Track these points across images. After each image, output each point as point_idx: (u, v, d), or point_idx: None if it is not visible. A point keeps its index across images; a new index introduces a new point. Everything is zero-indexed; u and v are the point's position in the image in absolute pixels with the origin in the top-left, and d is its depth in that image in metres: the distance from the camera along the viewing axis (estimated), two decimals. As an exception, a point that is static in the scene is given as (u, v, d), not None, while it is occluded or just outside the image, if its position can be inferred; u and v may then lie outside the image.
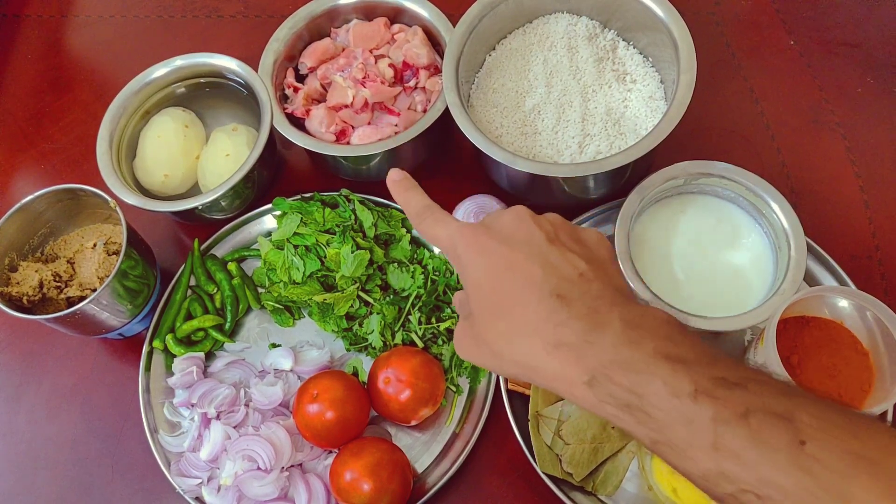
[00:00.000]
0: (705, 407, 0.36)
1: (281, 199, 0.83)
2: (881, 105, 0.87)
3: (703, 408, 0.36)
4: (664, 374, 0.37)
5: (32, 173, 0.96)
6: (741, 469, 0.35)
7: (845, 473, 0.33)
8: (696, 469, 0.37)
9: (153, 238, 0.83)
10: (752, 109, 0.88)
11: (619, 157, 0.71)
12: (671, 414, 0.37)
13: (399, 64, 0.86)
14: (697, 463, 0.36)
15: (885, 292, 0.76)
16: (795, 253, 0.68)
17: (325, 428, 0.69)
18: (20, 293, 0.76)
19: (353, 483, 0.67)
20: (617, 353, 0.39)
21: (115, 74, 1.01)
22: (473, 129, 0.74)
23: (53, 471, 0.78)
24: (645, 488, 0.69)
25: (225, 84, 0.89)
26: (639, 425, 0.38)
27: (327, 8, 0.88)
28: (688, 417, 0.36)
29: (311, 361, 0.77)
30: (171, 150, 0.85)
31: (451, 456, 0.73)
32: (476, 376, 0.75)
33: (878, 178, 0.83)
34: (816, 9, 0.94)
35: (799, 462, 0.33)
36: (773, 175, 0.81)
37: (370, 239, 0.79)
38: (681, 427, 0.36)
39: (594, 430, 0.69)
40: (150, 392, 0.78)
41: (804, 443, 0.34)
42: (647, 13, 0.77)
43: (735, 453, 0.35)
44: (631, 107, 0.79)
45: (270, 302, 0.80)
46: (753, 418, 0.35)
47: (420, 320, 0.76)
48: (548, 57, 0.82)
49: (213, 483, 0.72)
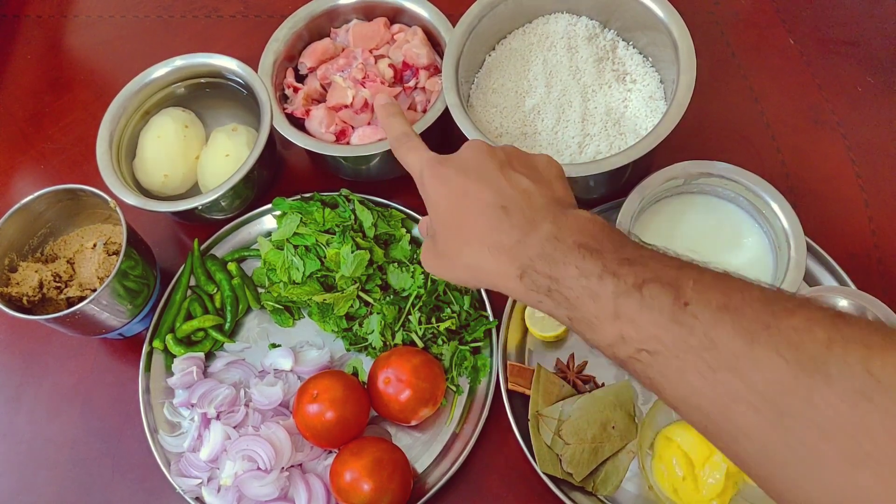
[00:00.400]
0: (608, 283, 0.42)
1: (281, 200, 0.83)
2: (881, 104, 0.87)
3: (606, 284, 0.42)
4: (577, 261, 0.44)
5: (32, 173, 0.96)
6: (635, 331, 0.40)
7: (713, 323, 0.37)
8: (604, 338, 0.42)
9: (153, 238, 0.83)
10: (751, 109, 0.88)
11: (618, 157, 0.71)
12: (581, 292, 0.43)
13: (399, 64, 0.86)
14: (604, 332, 0.42)
15: (885, 291, 0.76)
16: (795, 253, 0.68)
17: (325, 428, 0.69)
18: (20, 293, 0.76)
19: (353, 483, 0.67)
20: (542, 249, 0.46)
21: (115, 74, 1.01)
22: (473, 129, 0.74)
23: (53, 471, 0.78)
24: (645, 488, 0.69)
25: (225, 84, 0.89)
26: (558, 306, 0.45)
27: (327, 8, 0.88)
28: (594, 293, 0.42)
29: (311, 361, 0.77)
30: (171, 151, 0.85)
31: (451, 456, 0.73)
32: (476, 376, 0.75)
33: (878, 177, 0.83)
34: (816, 8, 0.94)
35: (677, 318, 0.38)
36: (773, 175, 0.80)
37: (370, 239, 0.79)
38: (589, 302, 0.42)
39: (594, 430, 0.69)
40: (150, 392, 0.78)
41: (687, 304, 0.39)
42: (646, 13, 0.77)
43: (630, 318, 0.40)
44: (631, 107, 0.79)
45: (270, 302, 0.80)
46: (646, 288, 0.40)
47: (420, 320, 0.76)
48: (547, 57, 0.82)
49: (213, 483, 0.72)
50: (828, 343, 0.33)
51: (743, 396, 0.35)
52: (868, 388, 0.31)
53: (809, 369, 0.33)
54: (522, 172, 0.51)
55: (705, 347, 0.37)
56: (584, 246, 0.44)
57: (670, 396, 0.40)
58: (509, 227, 0.48)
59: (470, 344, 0.76)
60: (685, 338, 0.38)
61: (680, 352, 0.38)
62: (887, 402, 0.31)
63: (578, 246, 0.44)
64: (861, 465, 0.31)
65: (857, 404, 0.31)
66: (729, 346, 0.36)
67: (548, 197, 0.50)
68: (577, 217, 0.47)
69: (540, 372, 0.72)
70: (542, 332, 0.75)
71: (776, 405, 0.34)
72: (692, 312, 0.38)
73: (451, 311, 0.77)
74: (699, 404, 0.38)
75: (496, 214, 0.48)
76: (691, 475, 0.66)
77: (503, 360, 0.74)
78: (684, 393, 0.38)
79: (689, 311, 0.38)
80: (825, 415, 0.32)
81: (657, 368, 0.40)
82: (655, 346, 0.39)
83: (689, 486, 0.66)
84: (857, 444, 0.31)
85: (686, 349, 0.38)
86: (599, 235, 0.45)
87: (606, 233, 0.45)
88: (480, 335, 0.77)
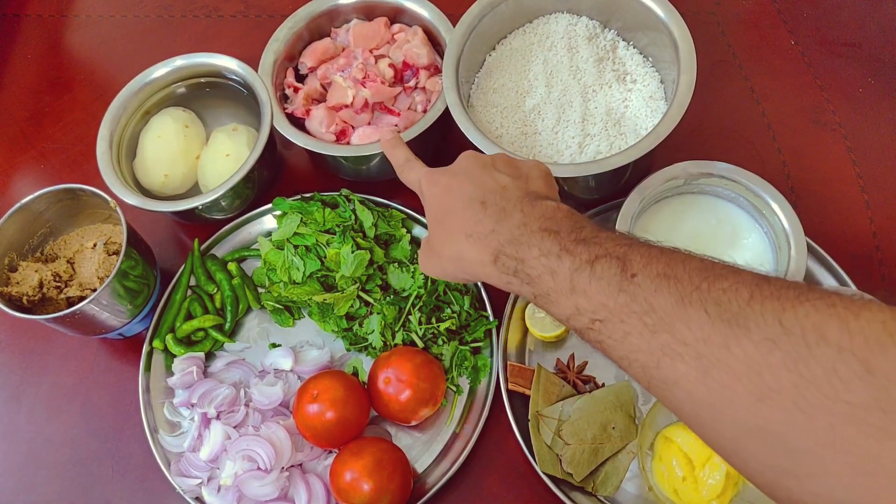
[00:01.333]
0: (565, 260, 0.46)
1: (281, 199, 0.83)
2: (883, 105, 0.87)
3: (563, 262, 0.46)
4: (539, 243, 0.48)
5: (32, 173, 0.96)
6: (587, 301, 0.44)
7: (652, 290, 0.41)
8: (562, 311, 0.47)
9: (153, 238, 0.83)
10: (752, 109, 0.88)
11: (619, 158, 0.70)
12: (542, 270, 0.47)
13: (399, 64, 0.86)
14: (562, 305, 0.46)
15: (886, 292, 0.76)
16: (795, 253, 0.68)
17: (325, 428, 0.69)
18: (20, 293, 0.76)
19: (353, 483, 0.67)
20: (511, 234, 0.50)
21: (115, 74, 1.01)
22: (473, 129, 0.74)
23: (53, 471, 0.78)
24: (645, 489, 0.69)
25: (225, 84, 0.89)
26: (524, 285, 0.49)
27: (327, 8, 0.88)
28: (553, 270, 0.47)
29: (311, 361, 0.77)
30: (172, 150, 0.85)
31: (451, 456, 0.73)
32: (476, 376, 0.75)
33: (879, 178, 0.82)
34: (818, 8, 0.94)
35: (622, 287, 0.43)
36: (774, 175, 0.80)
37: (370, 239, 0.79)
38: (549, 278, 0.47)
39: (594, 431, 0.69)
40: (150, 392, 0.78)
41: (634, 275, 0.43)
42: (647, 13, 0.77)
43: (583, 291, 0.45)
44: (631, 107, 0.79)
45: (270, 302, 0.80)
46: (598, 263, 0.45)
47: (420, 320, 0.76)
48: (548, 57, 0.82)
49: (213, 483, 0.72)
50: (749, 300, 0.37)
51: (674, 349, 0.39)
52: (776, 336, 0.35)
53: (730, 322, 0.37)
54: (504, 171, 0.56)
55: (645, 311, 0.41)
56: (547, 230, 0.49)
57: (616, 356, 0.44)
58: (485, 217, 0.52)
59: (470, 344, 0.76)
60: (628, 304, 0.42)
61: (624, 316, 0.42)
62: (789, 346, 0.35)
63: (542, 230, 0.49)
64: (765, 398, 0.35)
65: (766, 349, 0.35)
66: (665, 308, 0.40)
67: (522, 190, 0.54)
68: (545, 206, 0.52)
69: (540, 372, 0.72)
70: (543, 332, 0.75)
71: (700, 354, 0.38)
72: (636, 282, 0.42)
73: (451, 312, 0.76)
74: (639, 360, 0.42)
75: (475, 207, 0.53)
76: (691, 476, 0.66)
77: (503, 361, 0.74)
78: (627, 351, 0.43)
79: (635, 282, 0.42)
80: (738, 359, 0.36)
81: (606, 333, 0.44)
82: (604, 314, 0.43)
83: (689, 486, 0.66)
84: (762, 380, 0.35)
85: (629, 314, 0.42)
86: (561, 220, 0.50)
87: (567, 218, 0.50)
88: (480, 335, 0.77)
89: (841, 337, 0.34)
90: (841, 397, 0.33)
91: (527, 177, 0.57)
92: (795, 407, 0.34)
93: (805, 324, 0.35)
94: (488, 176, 0.55)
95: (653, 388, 0.42)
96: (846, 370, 0.33)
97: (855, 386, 0.33)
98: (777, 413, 0.35)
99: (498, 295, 0.77)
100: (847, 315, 0.34)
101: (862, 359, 0.33)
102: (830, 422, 0.33)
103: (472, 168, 0.57)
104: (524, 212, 0.51)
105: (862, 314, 0.34)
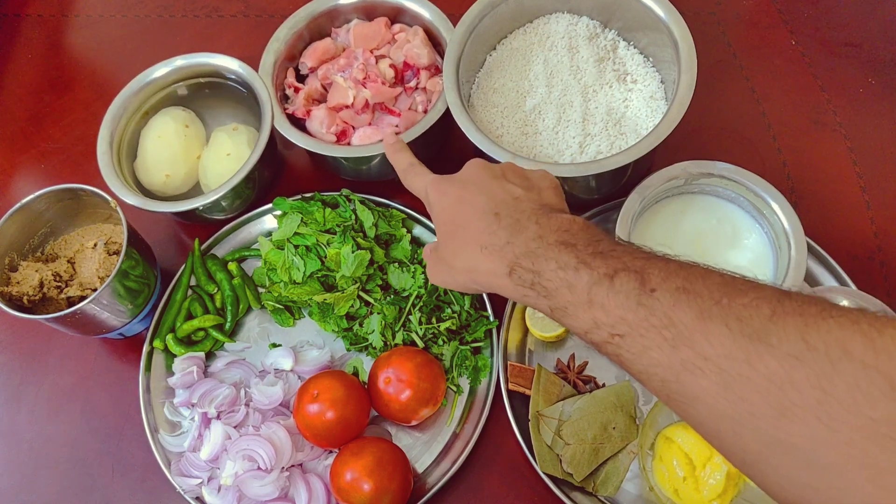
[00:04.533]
0: (583, 274, 0.46)
1: (281, 199, 0.83)
2: (883, 105, 0.86)
3: (581, 275, 0.46)
4: (556, 256, 0.48)
5: (32, 173, 0.96)
6: (605, 315, 0.44)
7: (672, 304, 0.41)
8: (580, 324, 0.46)
9: (154, 238, 0.83)
10: (753, 110, 0.88)
11: (619, 157, 0.70)
12: (559, 283, 0.47)
13: (400, 64, 0.86)
14: (579, 318, 0.46)
15: (888, 293, 0.76)
16: (796, 253, 0.68)
17: (325, 428, 0.69)
18: (20, 293, 0.76)
19: (354, 483, 0.67)
20: (527, 247, 0.50)
21: (115, 74, 1.01)
22: (474, 129, 0.74)
23: (53, 471, 0.78)
24: (646, 489, 0.69)
25: (225, 84, 0.89)
26: (540, 298, 0.49)
27: (328, 8, 0.88)
28: (570, 283, 0.46)
29: (311, 361, 0.77)
30: (172, 150, 0.85)
31: (451, 456, 0.73)
32: (476, 376, 0.75)
33: (880, 178, 0.82)
34: (818, 8, 0.94)
35: (641, 301, 0.42)
36: (774, 175, 0.80)
37: (371, 239, 0.79)
38: (566, 291, 0.46)
39: (595, 431, 0.69)
40: (150, 392, 0.78)
41: (654, 290, 0.42)
42: (647, 13, 0.77)
43: (601, 304, 0.44)
44: (631, 107, 0.79)
45: (271, 302, 0.80)
46: (616, 277, 0.44)
47: (420, 320, 0.76)
48: (548, 57, 0.82)
49: (214, 483, 0.72)
50: (770, 316, 0.37)
51: (694, 364, 0.39)
52: (800, 352, 0.35)
53: (752, 338, 0.37)
54: (515, 182, 0.56)
55: (665, 326, 0.41)
56: (563, 242, 0.48)
57: (635, 371, 0.44)
58: (499, 229, 0.52)
59: (470, 344, 0.76)
60: (648, 318, 0.42)
61: (643, 330, 0.42)
62: (813, 362, 0.35)
63: (558, 243, 0.49)
64: (787, 413, 0.35)
65: (790, 365, 0.35)
66: (684, 322, 0.40)
67: (536, 202, 0.54)
68: (560, 219, 0.51)
69: (540, 372, 0.72)
70: (543, 332, 0.74)
71: (722, 369, 0.38)
72: (656, 297, 0.42)
73: (451, 312, 0.76)
74: (658, 374, 0.42)
75: (489, 219, 0.53)
76: (692, 476, 0.66)
77: (503, 361, 0.74)
78: (646, 365, 0.42)
79: (654, 296, 0.42)
80: (761, 374, 0.36)
81: (625, 347, 0.43)
82: (623, 329, 0.43)
83: (689, 486, 0.65)
84: (785, 395, 0.35)
85: (648, 328, 0.42)
86: (578, 233, 0.49)
87: (584, 230, 0.50)
88: (481, 335, 0.77)
89: (865, 353, 0.34)
90: (864, 413, 0.33)
91: (538, 188, 0.57)
92: (818, 422, 0.34)
93: (829, 340, 0.35)
94: (500, 187, 0.55)
95: (672, 403, 0.42)
96: (870, 386, 0.33)
97: (878, 402, 0.33)
98: (799, 427, 0.35)
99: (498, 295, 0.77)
100: (871, 332, 0.34)
101: (886, 375, 0.33)
102: (852, 437, 0.33)
103: (482, 178, 0.56)
104: (540, 224, 0.51)
105: (886, 331, 0.34)
